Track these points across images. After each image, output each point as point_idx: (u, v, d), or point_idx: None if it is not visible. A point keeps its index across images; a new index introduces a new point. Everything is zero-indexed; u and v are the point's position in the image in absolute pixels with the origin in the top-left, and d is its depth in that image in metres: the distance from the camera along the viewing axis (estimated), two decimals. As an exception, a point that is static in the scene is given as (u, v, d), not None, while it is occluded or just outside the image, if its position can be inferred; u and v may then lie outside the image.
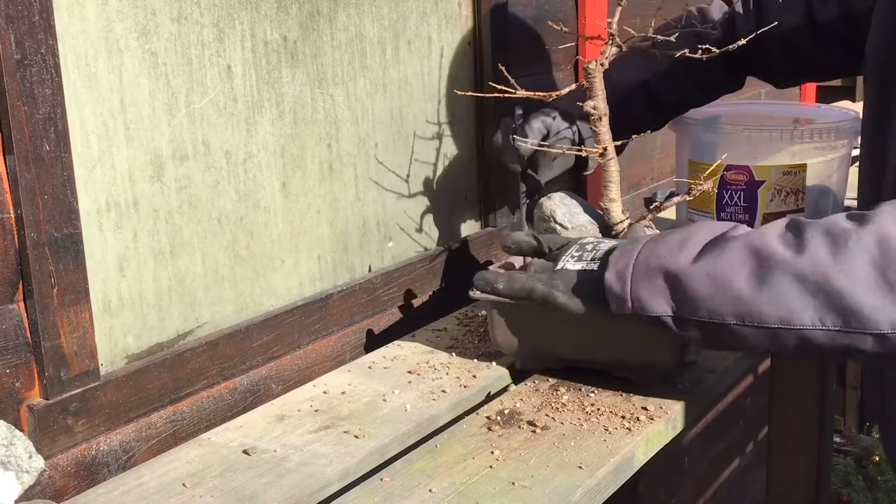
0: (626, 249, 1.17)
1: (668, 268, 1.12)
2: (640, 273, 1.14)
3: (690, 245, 1.12)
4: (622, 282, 1.15)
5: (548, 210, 1.45)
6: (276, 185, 1.44)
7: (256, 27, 1.38)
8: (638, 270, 1.14)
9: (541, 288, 1.23)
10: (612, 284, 1.15)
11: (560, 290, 1.21)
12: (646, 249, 1.15)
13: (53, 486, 1.14)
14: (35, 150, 1.09)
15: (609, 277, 1.16)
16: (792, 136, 1.71)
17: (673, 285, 1.12)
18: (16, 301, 1.11)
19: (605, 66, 1.34)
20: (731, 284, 1.08)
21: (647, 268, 1.13)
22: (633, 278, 1.14)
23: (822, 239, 1.05)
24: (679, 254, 1.12)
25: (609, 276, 1.16)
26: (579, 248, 1.26)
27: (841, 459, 3.91)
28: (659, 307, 1.13)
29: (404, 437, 1.21)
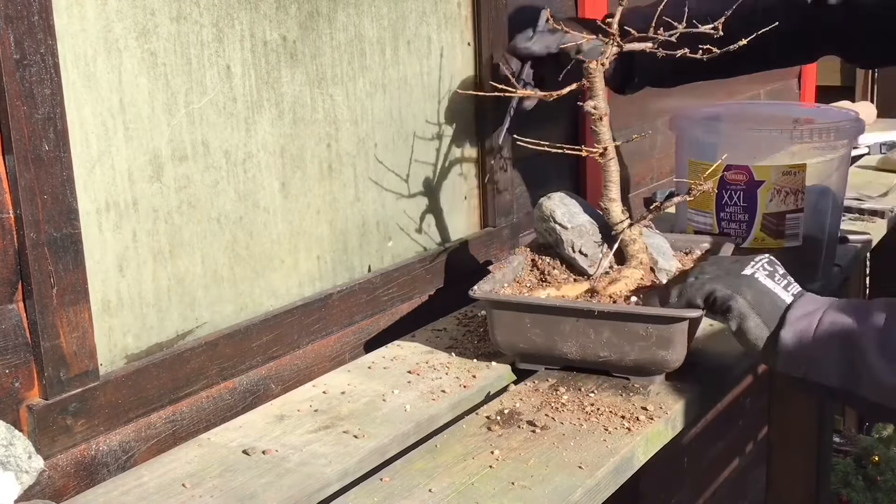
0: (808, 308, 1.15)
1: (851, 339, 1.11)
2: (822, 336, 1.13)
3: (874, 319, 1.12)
4: (800, 344, 1.14)
5: (547, 210, 1.45)
6: (276, 185, 1.44)
7: (256, 27, 1.38)
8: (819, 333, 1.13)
9: (724, 291, 1.20)
10: (789, 345, 1.15)
11: (747, 298, 1.19)
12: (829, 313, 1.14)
13: (53, 486, 1.14)
14: (34, 150, 1.09)
15: (785, 336, 1.15)
16: (792, 136, 1.71)
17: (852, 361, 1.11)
18: (15, 301, 1.11)
19: (605, 67, 1.34)
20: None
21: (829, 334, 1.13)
22: (814, 343, 1.13)
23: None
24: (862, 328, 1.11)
25: (785, 334, 1.15)
26: (771, 263, 1.23)
27: (841, 459, 3.91)
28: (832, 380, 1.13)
29: (404, 437, 1.21)
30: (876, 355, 1.10)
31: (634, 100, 2.37)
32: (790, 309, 1.17)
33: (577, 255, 1.42)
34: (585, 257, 1.41)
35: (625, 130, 2.26)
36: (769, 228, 1.70)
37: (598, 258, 1.41)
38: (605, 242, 1.42)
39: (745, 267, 1.23)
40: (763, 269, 1.22)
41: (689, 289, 1.24)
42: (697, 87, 2.66)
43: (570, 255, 1.42)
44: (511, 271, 1.44)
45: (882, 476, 3.84)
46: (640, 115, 2.40)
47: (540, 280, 1.44)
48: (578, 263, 1.42)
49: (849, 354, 1.12)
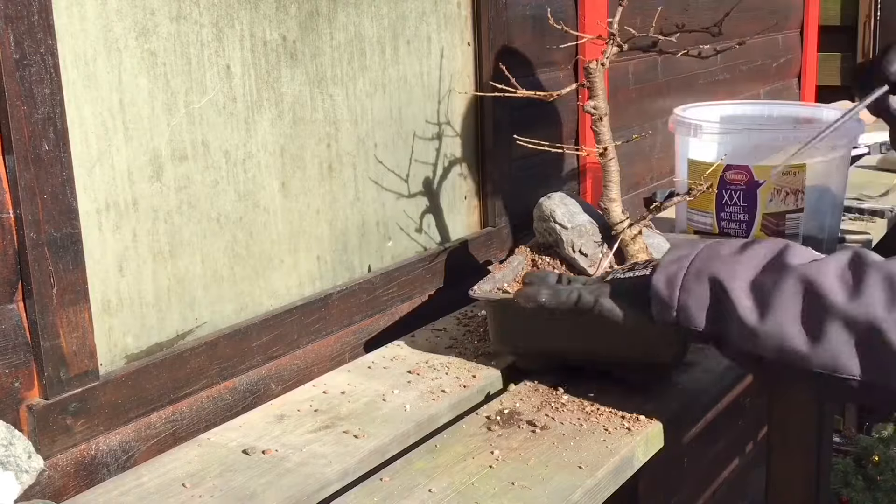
0: (680, 254, 1.11)
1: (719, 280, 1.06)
2: (692, 281, 1.08)
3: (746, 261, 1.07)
4: (671, 287, 1.09)
5: (547, 210, 1.45)
6: (276, 184, 1.44)
7: (256, 27, 1.38)
8: (689, 277, 1.09)
9: (587, 296, 1.17)
10: (660, 288, 1.10)
11: (606, 294, 1.17)
12: (700, 257, 1.09)
13: (53, 486, 1.14)
14: (34, 150, 1.09)
15: (657, 280, 1.11)
16: (792, 136, 1.71)
17: (719, 301, 1.07)
18: (15, 301, 1.11)
19: (605, 66, 1.34)
20: (779, 321, 1.03)
21: (698, 276, 1.08)
22: (683, 286, 1.09)
23: (881, 285, 0.99)
24: (733, 268, 1.06)
25: (657, 278, 1.11)
26: (633, 265, 1.22)
27: (840, 459, 3.91)
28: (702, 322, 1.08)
29: (404, 437, 1.21)
30: (744, 294, 1.05)
31: (634, 100, 2.37)
32: (665, 255, 1.14)
33: (577, 254, 1.42)
34: (585, 257, 1.41)
35: (625, 130, 2.26)
36: (769, 228, 1.70)
37: (599, 258, 1.41)
38: (605, 242, 1.42)
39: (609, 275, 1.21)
40: (624, 270, 1.20)
41: (556, 294, 1.21)
42: (697, 87, 2.67)
43: (570, 254, 1.42)
44: (511, 271, 1.44)
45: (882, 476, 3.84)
46: (640, 115, 2.40)
47: (540, 280, 1.44)
48: (578, 263, 1.42)
49: (716, 294, 1.07)
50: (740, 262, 1.07)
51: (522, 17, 1.90)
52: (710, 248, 1.11)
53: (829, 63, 3.83)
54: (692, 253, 1.11)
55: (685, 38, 1.42)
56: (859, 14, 3.82)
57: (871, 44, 3.82)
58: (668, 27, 1.37)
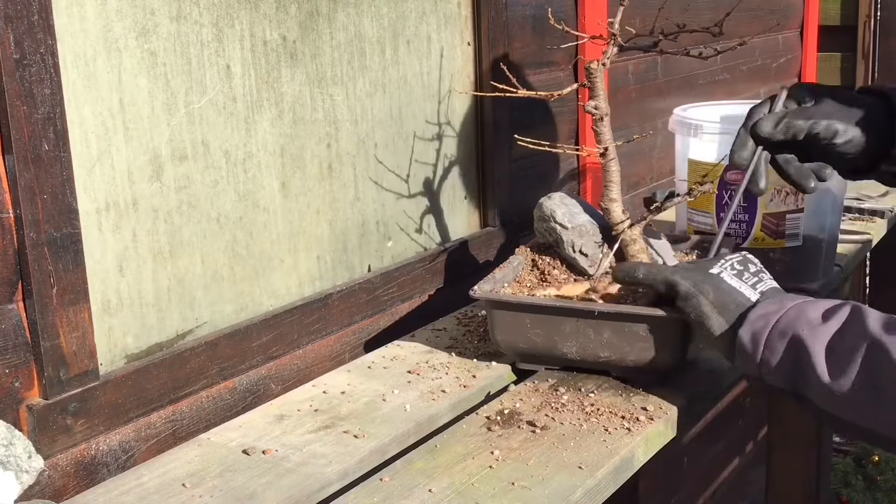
0: (768, 310, 1.14)
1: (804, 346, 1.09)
2: (776, 340, 1.12)
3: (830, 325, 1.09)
4: (755, 344, 1.13)
5: (548, 210, 1.45)
6: (276, 184, 1.44)
7: (256, 27, 1.38)
8: (773, 336, 1.12)
9: (686, 286, 1.19)
10: (745, 343, 1.14)
11: (709, 297, 1.18)
12: (787, 317, 1.12)
13: (53, 485, 1.14)
14: (34, 150, 1.09)
15: (743, 334, 1.14)
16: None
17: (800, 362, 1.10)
18: (15, 301, 1.11)
19: (606, 66, 1.34)
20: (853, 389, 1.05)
21: (782, 336, 1.11)
22: (767, 344, 1.12)
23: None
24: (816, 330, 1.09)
25: (744, 332, 1.14)
26: (742, 262, 1.22)
27: (840, 459, 3.91)
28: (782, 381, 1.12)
29: (404, 437, 1.21)
30: (821, 357, 1.08)
31: (634, 100, 2.37)
32: (752, 308, 1.16)
33: (577, 255, 1.42)
34: (586, 257, 1.41)
35: (625, 130, 2.26)
36: (769, 228, 1.70)
37: (599, 258, 1.41)
38: (606, 242, 1.42)
39: (714, 265, 1.22)
40: (731, 269, 1.21)
41: (653, 270, 1.23)
42: (697, 87, 2.67)
43: (570, 255, 1.42)
44: (511, 271, 1.44)
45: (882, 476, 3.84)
46: (640, 115, 2.40)
47: (540, 280, 1.44)
48: (579, 263, 1.42)
49: (795, 355, 1.10)
50: (824, 325, 1.10)
51: (522, 17, 1.90)
52: (797, 307, 1.13)
53: (829, 63, 3.83)
54: (780, 311, 1.13)
55: (685, 37, 1.42)
56: (859, 14, 3.82)
57: (871, 44, 3.82)
58: (668, 27, 1.37)
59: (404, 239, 1.69)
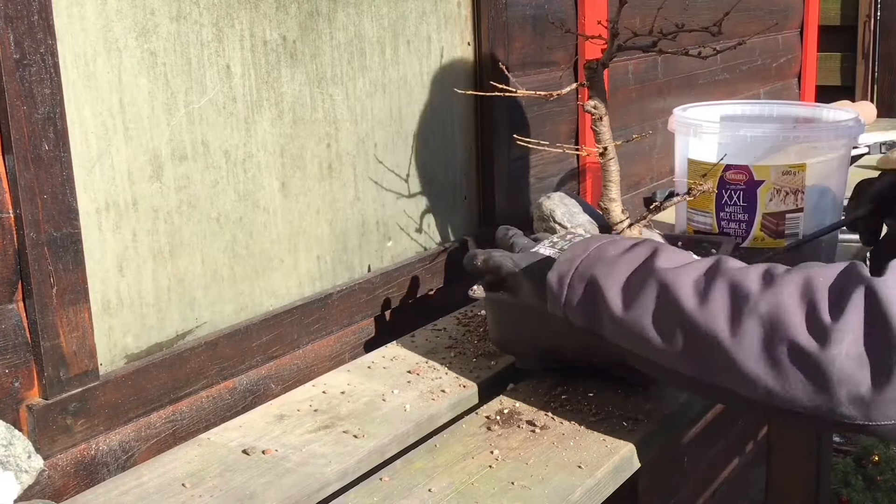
0: (574, 253, 1.17)
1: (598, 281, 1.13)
2: (576, 280, 1.15)
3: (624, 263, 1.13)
4: (560, 285, 1.16)
5: (547, 209, 1.45)
6: (276, 184, 1.44)
7: (255, 27, 1.38)
8: (575, 277, 1.15)
9: (508, 264, 1.25)
10: (553, 284, 1.17)
11: (519, 266, 1.23)
12: (589, 258, 1.15)
13: (53, 486, 1.14)
14: (34, 150, 1.09)
15: (551, 276, 1.17)
16: (792, 136, 1.71)
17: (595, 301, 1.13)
18: (15, 301, 1.11)
19: (605, 66, 1.34)
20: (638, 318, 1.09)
21: (582, 277, 1.14)
22: (570, 284, 1.15)
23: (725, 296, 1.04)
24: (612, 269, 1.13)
25: (552, 274, 1.17)
26: (562, 237, 1.27)
27: (840, 459, 3.91)
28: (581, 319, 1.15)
29: (403, 437, 1.21)
30: (614, 294, 1.11)
31: (634, 99, 2.37)
32: (562, 252, 1.20)
33: (576, 254, 1.41)
34: (585, 257, 1.41)
35: (625, 130, 2.26)
36: (769, 228, 1.70)
37: (598, 258, 1.41)
38: (605, 242, 1.42)
39: (538, 244, 1.28)
40: (550, 243, 1.27)
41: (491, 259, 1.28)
42: (697, 87, 2.67)
43: (569, 254, 1.42)
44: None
45: (882, 476, 3.84)
46: (640, 115, 2.40)
47: (540, 280, 1.44)
48: (578, 263, 1.42)
49: (591, 294, 1.13)
50: (618, 265, 1.13)
51: (522, 17, 1.90)
52: (599, 248, 1.16)
53: (829, 63, 3.83)
54: (583, 254, 1.16)
55: (685, 37, 1.42)
56: (859, 14, 3.82)
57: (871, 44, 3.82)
58: (667, 27, 1.37)
59: (404, 239, 1.69)
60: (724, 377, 1.03)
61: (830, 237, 1.79)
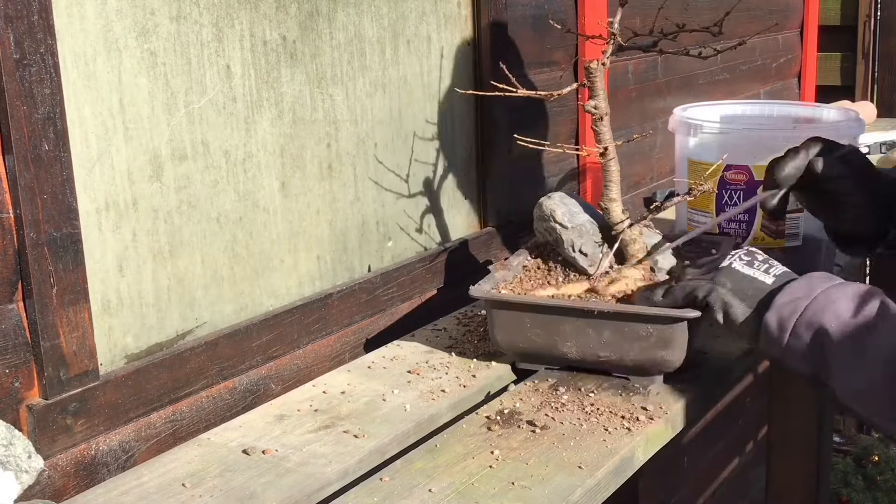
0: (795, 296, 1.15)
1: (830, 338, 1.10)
2: (802, 328, 1.13)
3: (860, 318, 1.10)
4: (781, 330, 1.14)
5: (548, 209, 1.44)
6: (276, 184, 1.44)
7: (255, 27, 1.38)
8: (800, 324, 1.13)
9: (705, 286, 1.21)
10: (772, 328, 1.15)
11: (727, 287, 1.20)
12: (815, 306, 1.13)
13: (53, 486, 1.14)
14: (34, 150, 1.09)
15: (769, 319, 1.15)
16: (792, 136, 1.71)
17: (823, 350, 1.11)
18: (15, 301, 1.11)
19: (605, 66, 1.34)
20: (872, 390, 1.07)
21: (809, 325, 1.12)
22: (793, 332, 1.13)
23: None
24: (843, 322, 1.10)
25: (770, 317, 1.15)
26: (748, 254, 1.24)
27: (840, 459, 3.91)
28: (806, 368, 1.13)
29: (404, 437, 1.21)
30: (847, 351, 1.09)
31: (634, 99, 2.37)
32: (779, 293, 1.17)
33: (577, 254, 1.41)
34: (585, 257, 1.41)
35: (625, 130, 2.26)
36: (769, 228, 1.70)
37: (599, 258, 1.41)
38: (606, 242, 1.42)
39: (723, 261, 1.24)
40: (740, 259, 1.23)
41: (673, 290, 1.25)
42: (697, 87, 2.67)
43: (570, 254, 1.42)
44: (511, 271, 1.44)
45: (882, 476, 3.84)
46: (640, 115, 2.40)
47: (540, 280, 1.44)
48: (578, 263, 1.42)
49: (820, 346, 1.11)
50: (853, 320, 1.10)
51: (522, 17, 1.90)
52: (825, 294, 1.14)
53: (829, 63, 3.83)
54: (808, 297, 1.14)
55: (685, 37, 1.42)
56: (859, 14, 3.82)
57: (871, 44, 3.82)
58: (667, 27, 1.37)
59: (404, 239, 1.69)
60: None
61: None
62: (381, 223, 1.64)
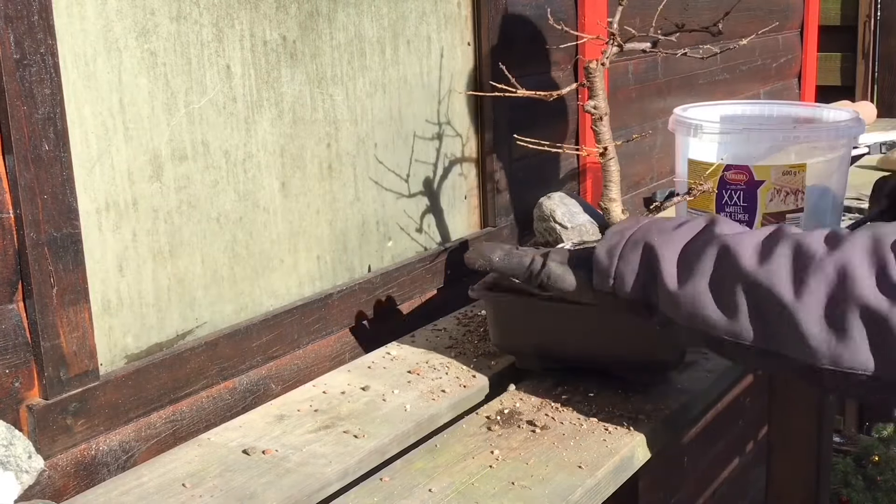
0: (623, 227, 1.15)
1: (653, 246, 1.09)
2: (629, 250, 1.11)
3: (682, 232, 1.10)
4: (610, 257, 1.12)
5: (547, 209, 1.44)
6: (276, 184, 1.44)
7: (256, 27, 1.38)
8: (627, 246, 1.12)
9: (538, 259, 1.20)
10: (601, 258, 1.13)
11: (556, 261, 1.19)
12: (641, 229, 1.13)
13: (53, 486, 1.14)
14: (34, 150, 1.09)
15: (599, 250, 1.14)
16: (792, 136, 1.71)
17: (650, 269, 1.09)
18: (15, 301, 1.11)
19: (605, 66, 1.34)
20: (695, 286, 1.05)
21: (635, 245, 1.11)
22: (622, 255, 1.12)
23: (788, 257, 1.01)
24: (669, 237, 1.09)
25: (599, 248, 1.14)
26: (581, 242, 1.26)
27: (840, 459, 3.91)
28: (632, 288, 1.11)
29: (404, 437, 1.21)
30: (671, 262, 1.07)
31: (634, 99, 2.37)
32: (610, 227, 1.17)
33: (577, 254, 1.41)
34: (585, 257, 1.41)
35: (625, 130, 2.26)
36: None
37: (598, 258, 1.41)
38: (605, 242, 1.42)
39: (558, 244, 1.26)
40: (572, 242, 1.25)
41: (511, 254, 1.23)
42: (697, 87, 2.67)
43: (570, 254, 1.42)
44: (511, 271, 1.43)
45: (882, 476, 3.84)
46: (640, 115, 2.40)
47: (540, 280, 1.44)
48: (578, 263, 1.42)
49: (647, 261, 1.09)
50: (677, 233, 1.10)
51: (522, 17, 1.90)
52: (653, 221, 1.14)
53: (829, 63, 3.83)
54: (636, 224, 1.14)
55: (685, 37, 1.42)
56: (859, 14, 3.82)
57: (871, 44, 3.82)
58: (667, 27, 1.37)
59: (404, 239, 1.69)
60: (787, 343, 0.99)
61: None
62: (381, 223, 1.64)
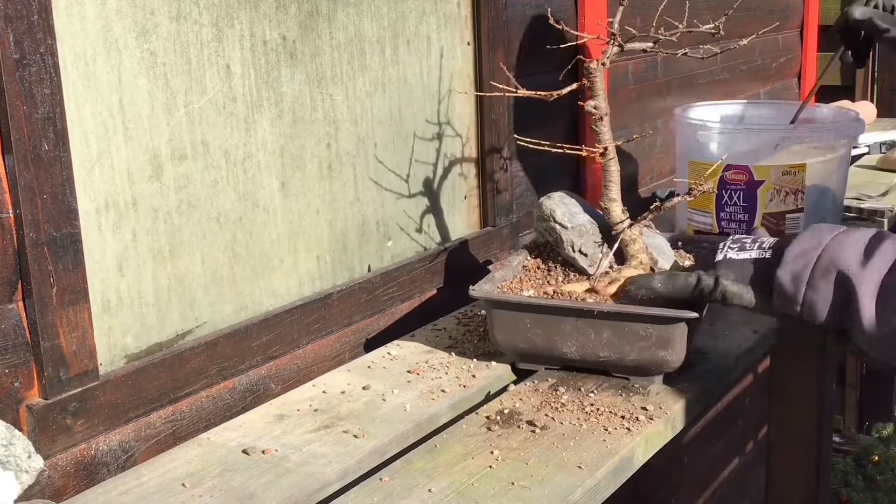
0: (805, 247, 1.11)
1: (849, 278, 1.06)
2: (818, 278, 1.09)
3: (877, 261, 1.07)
4: (796, 284, 1.10)
5: (547, 209, 1.45)
6: (276, 184, 1.44)
7: (255, 26, 1.38)
8: (816, 274, 1.09)
9: (706, 278, 1.19)
10: (785, 284, 1.11)
11: (730, 278, 1.18)
12: (828, 252, 1.09)
13: (53, 485, 1.14)
14: (34, 150, 1.09)
15: (782, 275, 1.11)
16: (792, 136, 1.71)
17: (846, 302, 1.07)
18: (15, 301, 1.11)
19: (605, 66, 1.34)
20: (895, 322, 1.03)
21: (825, 273, 1.08)
22: (810, 283, 1.09)
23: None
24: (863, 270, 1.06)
25: (782, 273, 1.11)
26: (735, 241, 1.22)
27: (840, 459, 3.91)
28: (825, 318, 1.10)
29: (403, 437, 1.21)
30: (870, 298, 1.06)
31: (634, 99, 2.37)
32: (788, 247, 1.14)
33: (577, 254, 1.42)
34: (585, 257, 1.41)
35: (625, 130, 2.26)
36: (769, 228, 1.70)
37: (598, 258, 1.41)
38: (605, 242, 1.42)
39: (714, 256, 1.23)
40: (731, 249, 1.22)
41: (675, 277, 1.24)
42: (697, 87, 2.67)
43: (570, 254, 1.42)
44: (511, 271, 1.44)
45: (882, 476, 3.84)
46: (640, 115, 2.40)
47: (540, 280, 1.44)
48: (578, 263, 1.42)
49: (844, 293, 1.08)
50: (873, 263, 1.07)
51: (522, 17, 1.90)
52: (837, 241, 1.11)
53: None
54: (819, 246, 1.11)
55: (685, 37, 1.42)
56: (859, 14, 3.81)
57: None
58: (668, 27, 1.37)
59: (404, 239, 1.69)
60: None
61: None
62: (381, 223, 1.64)
